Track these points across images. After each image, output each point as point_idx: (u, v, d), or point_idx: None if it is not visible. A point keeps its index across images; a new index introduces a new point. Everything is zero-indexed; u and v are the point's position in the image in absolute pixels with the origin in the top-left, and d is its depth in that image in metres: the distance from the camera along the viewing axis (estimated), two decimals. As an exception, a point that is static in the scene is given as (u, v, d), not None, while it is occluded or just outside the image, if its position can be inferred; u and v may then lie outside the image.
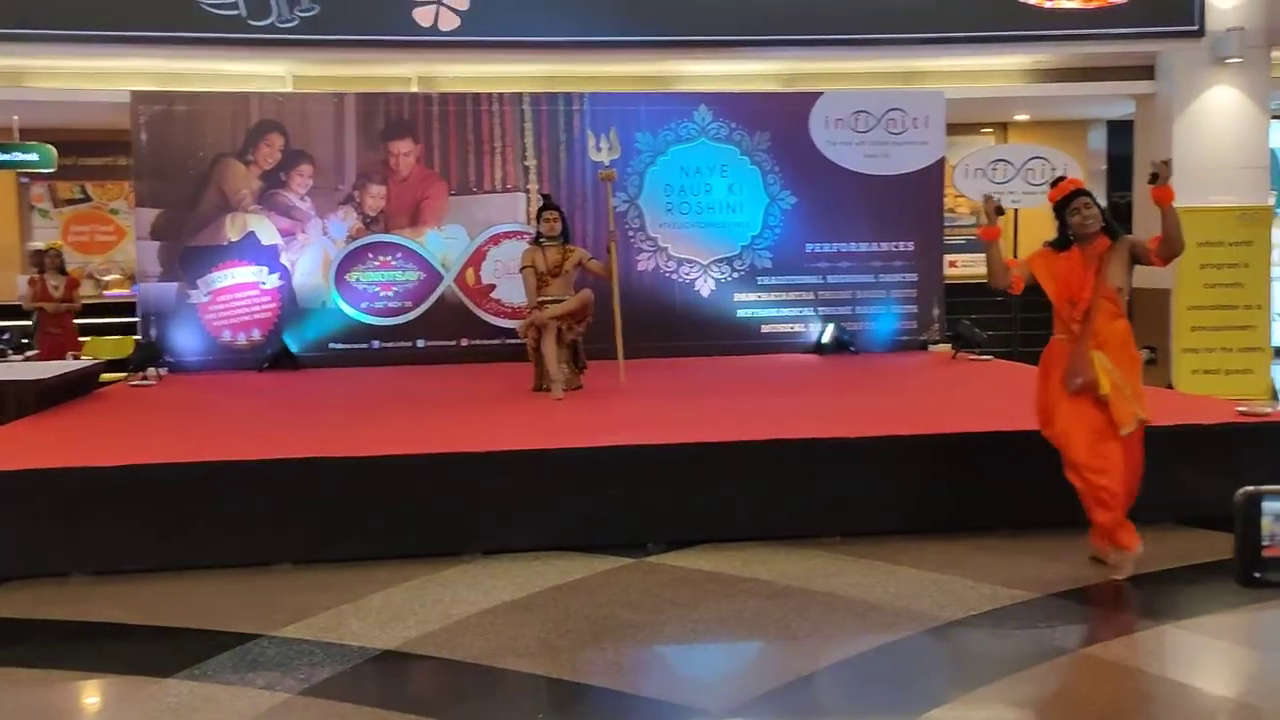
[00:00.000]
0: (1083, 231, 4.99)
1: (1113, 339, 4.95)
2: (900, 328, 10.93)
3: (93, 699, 3.97)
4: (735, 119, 10.68)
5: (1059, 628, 4.43)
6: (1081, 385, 4.89)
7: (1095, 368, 4.87)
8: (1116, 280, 4.96)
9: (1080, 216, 4.98)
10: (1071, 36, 10.78)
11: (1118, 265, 4.97)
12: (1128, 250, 5.00)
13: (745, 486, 5.66)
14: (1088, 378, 4.88)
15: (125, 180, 14.24)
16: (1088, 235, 4.99)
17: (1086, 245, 5.00)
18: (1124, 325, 5.02)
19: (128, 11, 9.83)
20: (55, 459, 5.49)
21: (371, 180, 10.29)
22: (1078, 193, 5.04)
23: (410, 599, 4.80)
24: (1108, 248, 4.97)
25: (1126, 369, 4.94)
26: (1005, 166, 10.98)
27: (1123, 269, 4.99)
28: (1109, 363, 4.90)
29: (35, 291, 10.10)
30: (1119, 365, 4.92)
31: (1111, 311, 4.96)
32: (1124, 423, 4.86)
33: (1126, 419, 4.87)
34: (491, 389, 8.29)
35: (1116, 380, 4.88)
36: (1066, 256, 5.05)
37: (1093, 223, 4.97)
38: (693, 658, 4.33)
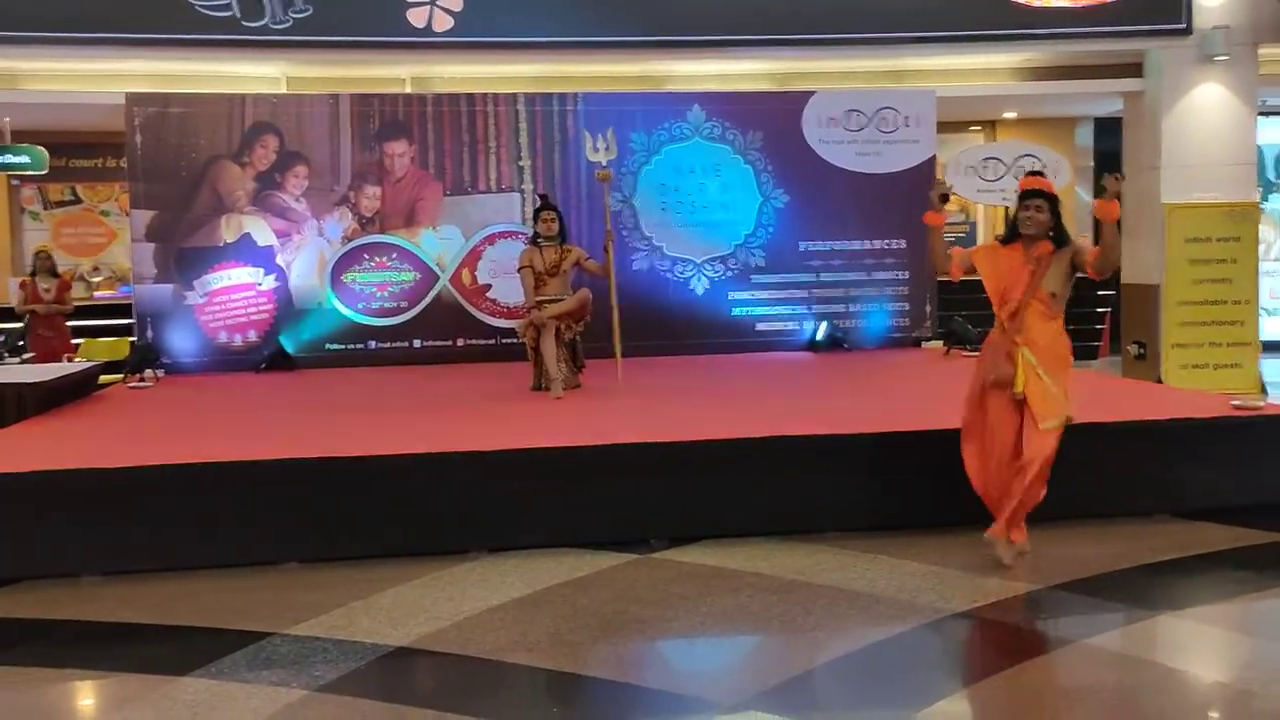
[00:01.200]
0: (1024, 229, 5.04)
1: (1041, 339, 5.01)
2: (893, 325, 11.03)
3: (109, 698, 4.00)
4: (728, 118, 10.76)
5: (1060, 618, 4.50)
6: (995, 380, 5.02)
7: (1016, 365, 4.97)
8: (1052, 285, 5.02)
9: (1027, 214, 5.03)
10: (1060, 35, 10.87)
11: (1056, 271, 5.03)
12: (1069, 257, 5.05)
13: (746, 483, 5.72)
14: (1002, 374, 4.99)
15: (116, 182, 14.30)
16: (1030, 236, 5.03)
17: (1030, 245, 5.05)
18: (1056, 327, 5.07)
19: (121, 13, 9.82)
20: (62, 460, 5.52)
21: (367, 181, 10.33)
22: (1034, 193, 5.06)
23: (420, 596, 4.85)
24: (1049, 253, 5.01)
25: (1054, 368, 5.00)
26: (996, 164, 11.08)
27: (1061, 275, 5.04)
28: (1035, 359, 4.97)
29: (26, 294, 10.10)
30: (1045, 364, 4.98)
31: (1044, 313, 5.02)
32: (1044, 416, 4.93)
33: (1047, 414, 4.93)
34: (490, 388, 8.34)
35: (1036, 383, 4.95)
36: (1009, 252, 5.12)
37: (1033, 227, 5.01)
38: (701, 651, 4.39)
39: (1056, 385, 4.97)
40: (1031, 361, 4.97)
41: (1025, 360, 4.97)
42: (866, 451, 5.83)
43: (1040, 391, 4.96)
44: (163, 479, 5.36)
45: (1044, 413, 4.93)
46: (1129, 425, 6.11)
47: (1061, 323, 5.10)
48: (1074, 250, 5.06)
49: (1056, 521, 5.77)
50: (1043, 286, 5.00)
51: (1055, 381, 4.98)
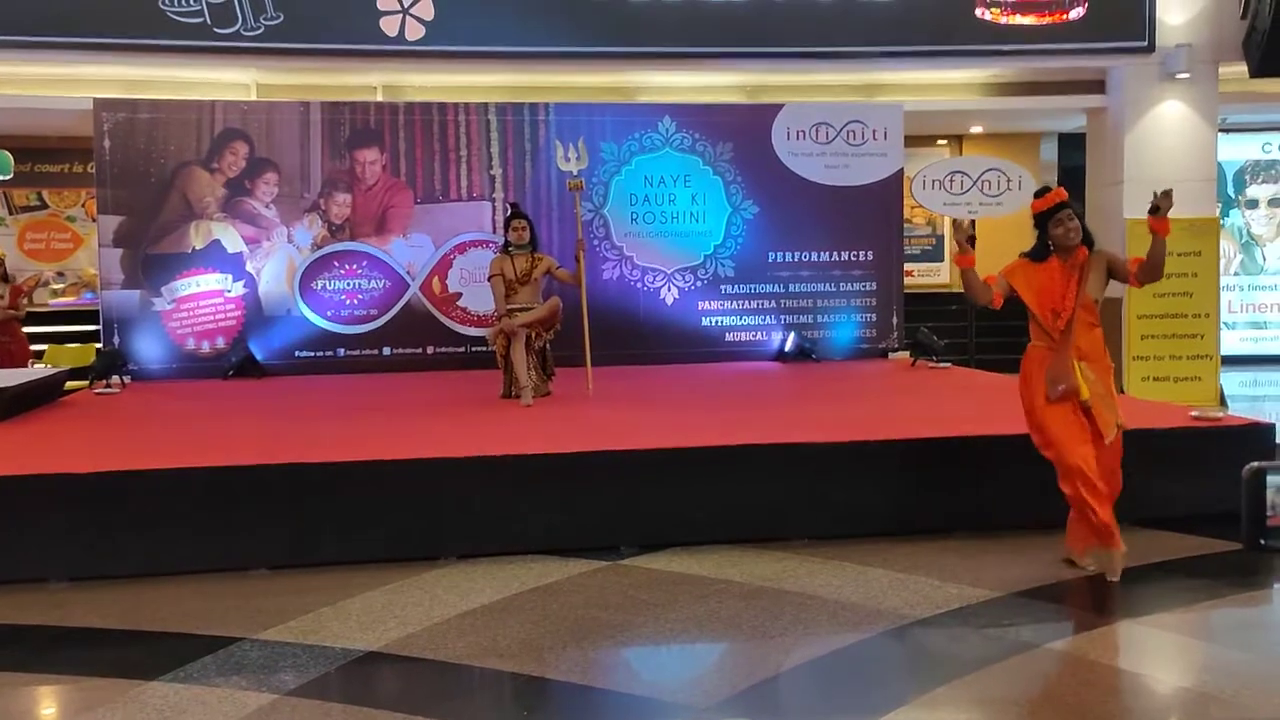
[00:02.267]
0: (1066, 244, 5.06)
1: (1093, 349, 5.08)
2: (860, 335, 11.14)
3: (78, 702, 3.98)
4: (699, 130, 10.84)
5: (1023, 625, 4.57)
6: (1063, 392, 5.01)
7: (1077, 376, 5.00)
8: (1095, 292, 5.08)
9: (1064, 229, 5.05)
10: (1025, 52, 11.04)
11: (1096, 277, 5.09)
12: (1105, 263, 5.13)
13: (715, 490, 5.78)
14: (1070, 385, 5.00)
15: (83, 188, 14.19)
16: (1069, 247, 5.07)
17: (1067, 256, 5.09)
18: (1100, 334, 5.14)
19: (91, 18, 9.80)
20: (27, 465, 5.49)
21: (337, 188, 10.33)
22: (1063, 205, 5.09)
23: (389, 602, 4.86)
24: (1086, 258, 5.08)
25: (1104, 377, 5.08)
26: (962, 178, 11.21)
27: (1100, 281, 5.11)
28: (1090, 372, 5.03)
29: None
30: (1098, 374, 5.06)
31: (1089, 322, 5.08)
32: (1108, 430, 5.02)
33: (1109, 426, 5.02)
34: (460, 396, 8.35)
35: (1098, 389, 5.02)
36: (1045, 267, 5.12)
37: (1075, 235, 5.05)
38: (671, 656, 4.43)
39: (1109, 395, 5.07)
40: (1089, 376, 5.02)
41: (1083, 373, 5.02)
42: (833, 459, 5.90)
43: (1101, 404, 5.03)
44: (130, 484, 5.35)
45: (1106, 425, 5.02)
46: (1091, 435, 6.19)
47: (1102, 330, 5.17)
48: (1109, 258, 5.16)
49: (1018, 530, 5.87)
50: (1087, 293, 5.06)
51: (1108, 393, 5.07)
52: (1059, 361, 5.05)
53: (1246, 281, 14.55)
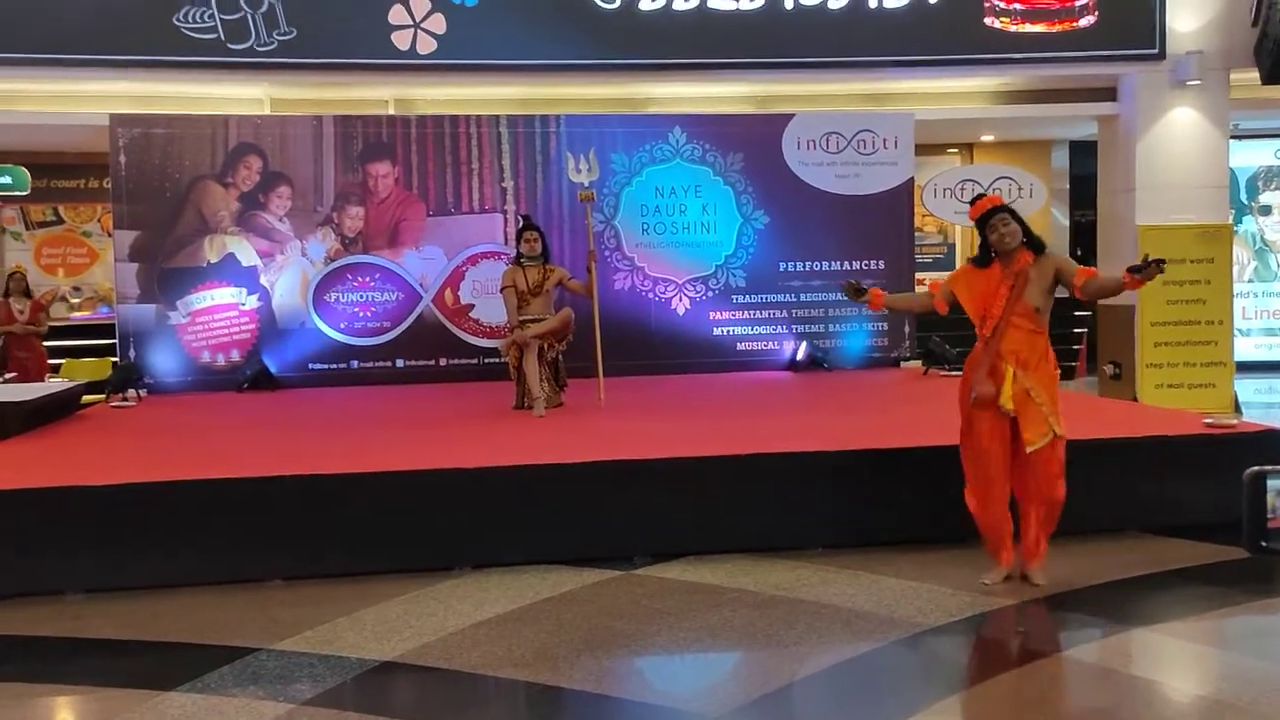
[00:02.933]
0: (1002, 248, 4.99)
1: (1032, 356, 4.98)
2: (872, 345, 11.13)
3: (96, 712, 4.02)
4: (709, 140, 10.87)
5: (1036, 632, 4.58)
6: (979, 398, 4.97)
7: (1004, 383, 4.93)
8: (1035, 299, 4.97)
9: (999, 234, 4.98)
10: (1036, 60, 11.05)
11: (1037, 285, 4.98)
12: (1052, 271, 5.01)
13: (728, 500, 5.79)
14: (985, 391, 4.94)
15: (98, 203, 14.31)
16: (1008, 252, 4.99)
17: (1008, 262, 5.01)
18: (1042, 342, 5.03)
19: (106, 35, 9.88)
20: (45, 479, 5.54)
21: (350, 202, 10.38)
22: (996, 209, 5.03)
23: (404, 612, 4.89)
24: (1029, 265, 4.98)
25: (1045, 385, 4.97)
26: (973, 186, 11.21)
27: (1043, 288, 5.00)
28: (1027, 380, 4.94)
29: (0, 315, 10.09)
30: (1040, 385, 4.95)
31: (1029, 329, 4.98)
32: (1031, 441, 4.91)
33: (1035, 436, 4.91)
34: (473, 407, 8.38)
35: (1036, 397, 4.92)
36: (987, 273, 5.06)
37: (1011, 239, 4.96)
38: (685, 665, 4.44)
39: (1047, 404, 4.95)
40: (1026, 384, 4.93)
41: (1019, 382, 4.93)
42: (846, 469, 5.91)
43: (1032, 414, 4.93)
44: (146, 497, 5.39)
45: (1031, 435, 4.93)
46: (1103, 442, 6.19)
47: (1047, 339, 5.06)
48: (1056, 265, 5.03)
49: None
50: (1025, 300, 4.96)
51: (1047, 402, 4.95)
52: (980, 368, 5.00)
53: (1260, 288, 14.50)
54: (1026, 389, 4.92)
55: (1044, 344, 5.03)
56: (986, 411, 4.99)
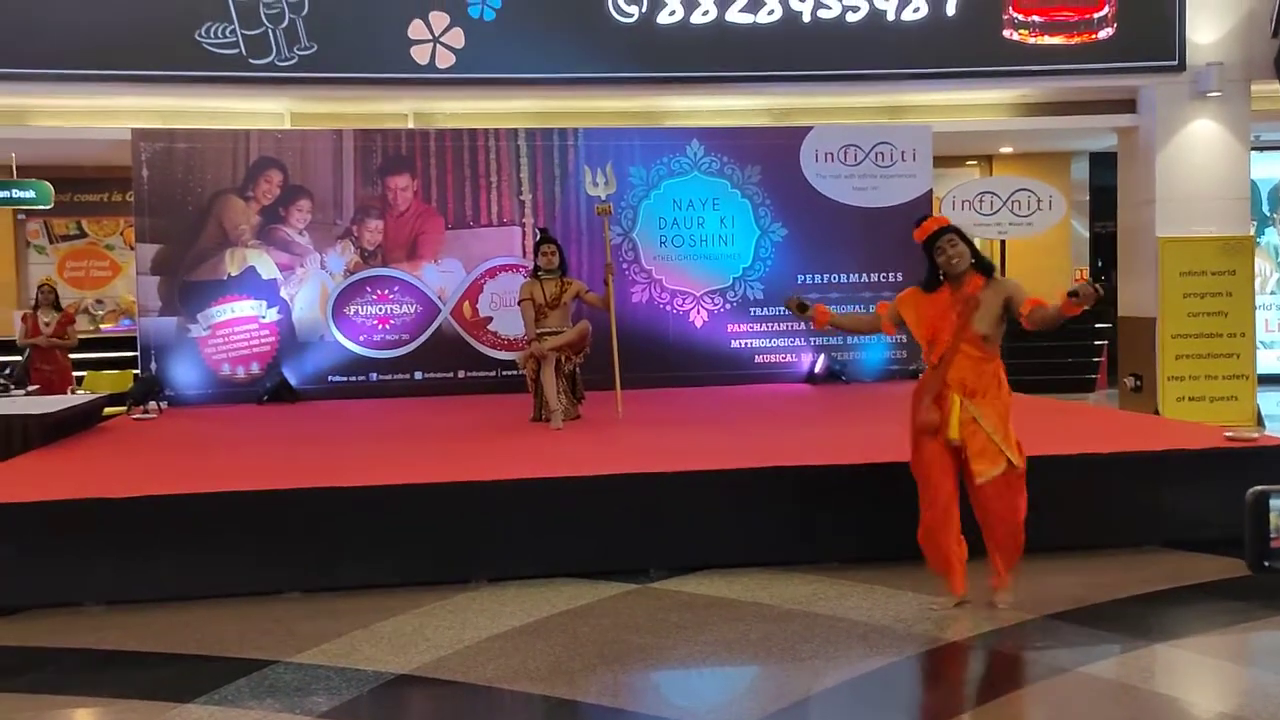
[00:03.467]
0: (950, 271, 4.81)
1: (982, 385, 4.78)
2: (890, 357, 11.10)
3: (115, 724, 4.05)
4: (727, 153, 10.88)
5: (1056, 648, 4.54)
6: (923, 426, 4.81)
7: (951, 412, 4.75)
8: (984, 325, 4.78)
9: (946, 256, 4.79)
10: (1055, 72, 11.03)
11: (987, 311, 4.77)
12: (1003, 297, 4.80)
13: (744, 513, 5.78)
14: (928, 420, 4.79)
15: (121, 216, 14.44)
16: (957, 275, 4.80)
17: (958, 285, 4.81)
18: (994, 370, 4.83)
19: (129, 51, 9.97)
20: (66, 491, 5.58)
21: (369, 215, 10.44)
22: (944, 230, 4.84)
23: (421, 625, 4.90)
24: (979, 289, 4.78)
25: (997, 414, 4.77)
26: (992, 198, 11.20)
27: (993, 315, 4.79)
28: (976, 409, 4.75)
29: (27, 328, 10.17)
30: (991, 413, 4.76)
31: (978, 357, 4.78)
32: (981, 472, 4.75)
33: (986, 467, 4.74)
34: (491, 420, 8.40)
35: (986, 426, 4.73)
36: (935, 297, 4.88)
37: (959, 262, 4.78)
38: (702, 679, 4.43)
39: (998, 434, 4.74)
40: (972, 413, 4.74)
41: (966, 411, 4.74)
42: (862, 482, 5.89)
43: (980, 444, 4.74)
44: (165, 509, 5.42)
45: (981, 468, 4.75)
46: (1122, 456, 6.16)
47: (999, 365, 4.85)
48: (1008, 293, 4.80)
49: (1050, 552, 5.83)
50: (973, 327, 4.75)
51: (996, 430, 4.74)
52: (926, 395, 4.83)
53: (1283, 300, 14.42)
54: (974, 418, 4.74)
55: (995, 371, 4.83)
56: (933, 439, 4.84)
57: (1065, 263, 15.46)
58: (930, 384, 4.84)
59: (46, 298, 10.35)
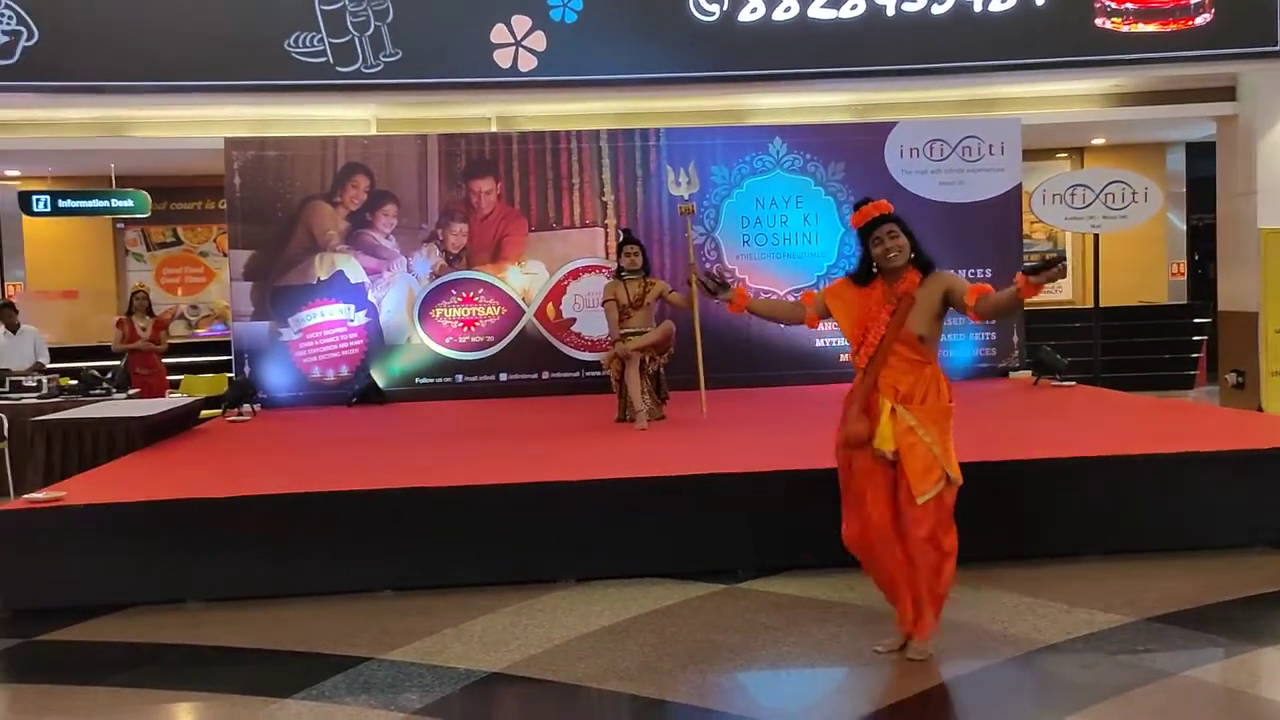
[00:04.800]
0: (886, 264, 4.28)
1: (917, 391, 4.25)
2: (979, 355, 10.91)
3: (217, 718, 4.13)
4: (810, 150, 10.79)
5: (1159, 651, 4.41)
6: (850, 438, 4.30)
7: (878, 421, 4.24)
8: (921, 326, 4.24)
9: (884, 247, 4.26)
10: (1150, 60, 10.72)
11: (923, 309, 4.25)
12: (941, 293, 4.27)
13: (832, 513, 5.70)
14: (853, 432, 4.27)
15: (214, 224, 14.81)
16: (893, 269, 4.28)
17: (893, 280, 4.29)
18: (931, 374, 4.29)
19: (221, 61, 10.21)
20: (166, 491, 5.72)
21: (454, 218, 10.54)
22: (883, 218, 4.31)
23: (510, 624, 4.93)
24: (916, 286, 4.27)
25: (935, 425, 4.23)
26: (1085, 191, 10.93)
27: (929, 314, 4.26)
28: (915, 417, 4.22)
29: (124, 333, 10.45)
30: (928, 421, 4.22)
31: (912, 359, 4.26)
32: (922, 490, 4.19)
33: (926, 485, 4.19)
34: (576, 420, 8.43)
35: (925, 436, 4.20)
36: (867, 292, 4.36)
37: (897, 256, 4.25)
38: (791, 680, 4.38)
39: (939, 445, 4.21)
40: (909, 421, 4.20)
41: (901, 419, 4.22)
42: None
43: (919, 457, 4.19)
44: (261, 508, 5.54)
45: (919, 485, 4.18)
46: (1225, 454, 5.98)
47: (937, 368, 4.32)
48: (946, 286, 4.27)
49: (1152, 553, 5.69)
50: (908, 327, 4.23)
51: (937, 441, 4.21)
52: (853, 402, 4.32)
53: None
54: (910, 426, 4.20)
55: (933, 375, 4.29)
56: (863, 452, 4.29)
57: (1161, 257, 15.06)
58: (858, 390, 4.32)
59: (141, 304, 10.62)
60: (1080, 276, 14.98)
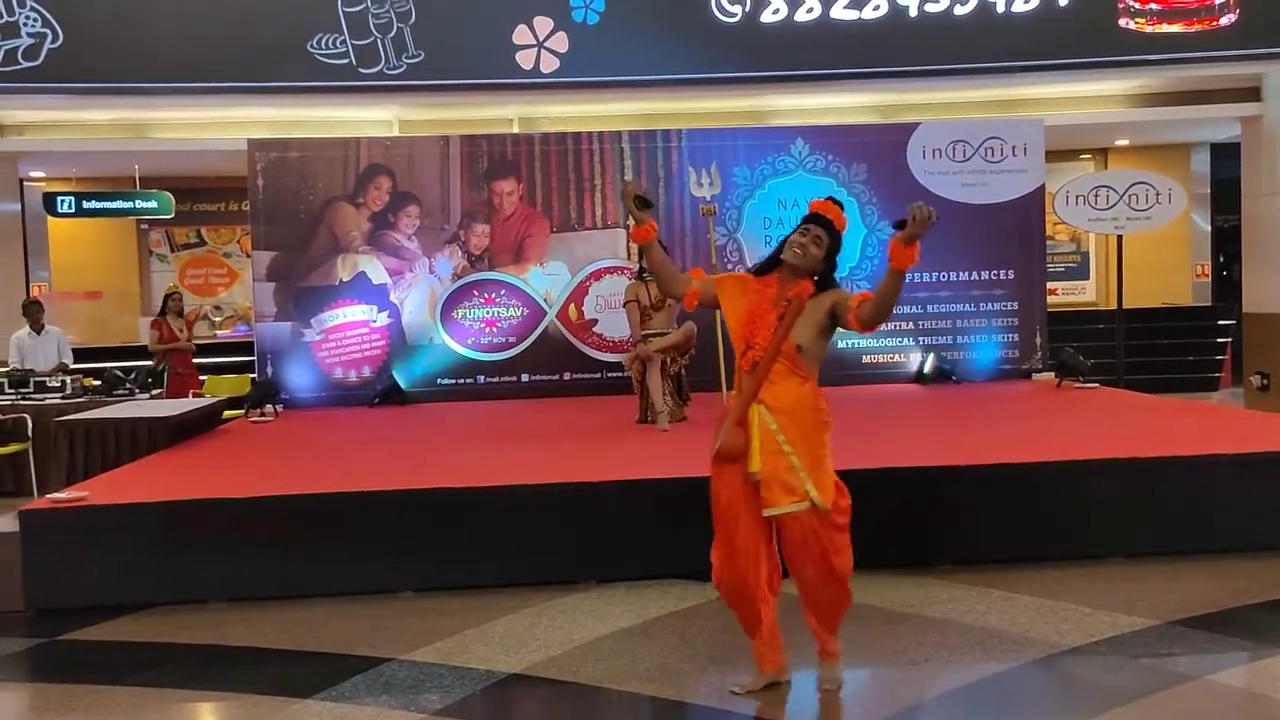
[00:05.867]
0: (788, 259, 3.95)
1: (795, 406, 3.91)
2: (1002, 356, 10.86)
3: (238, 718, 4.15)
4: (832, 151, 10.77)
5: (1181, 655, 4.38)
6: (723, 450, 3.91)
7: (752, 438, 3.89)
8: (803, 338, 3.91)
9: (801, 245, 3.94)
10: (1174, 60, 10.66)
11: (809, 320, 3.92)
12: (828, 307, 3.95)
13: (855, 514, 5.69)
14: (730, 443, 3.89)
15: (237, 225, 14.89)
16: (794, 269, 3.96)
17: (789, 283, 3.97)
18: (810, 391, 3.96)
19: (244, 63, 10.29)
20: (189, 491, 5.76)
21: (476, 219, 10.57)
22: (819, 218, 4.01)
23: (531, 625, 4.93)
24: (807, 294, 3.95)
25: (806, 439, 3.90)
26: (1108, 192, 10.87)
27: (814, 326, 3.93)
28: (788, 432, 3.88)
29: (162, 334, 10.52)
30: (800, 440, 3.89)
31: (790, 370, 3.92)
32: (771, 501, 3.86)
33: (777, 497, 3.86)
34: (597, 421, 8.44)
35: (792, 452, 3.87)
36: (761, 287, 4.03)
37: (800, 259, 3.93)
38: (811, 683, 4.37)
39: (805, 465, 3.87)
40: (771, 427, 3.87)
41: (764, 426, 3.88)
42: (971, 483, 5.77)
43: (781, 471, 3.86)
44: (283, 509, 5.57)
45: (770, 497, 3.86)
46: (1251, 457, 5.93)
47: (814, 387, 3.97)
48: (833, 299, 3.95)
49: (1176, 555, 5.65)
50: (791, 337, 3.90)
51: (804, 461, 3.87)
52: (731, 413, 3.94)
53: None
54: (779, 441, 3.87)
55: (811, 395, 3.95)
56: (734, 466, 3.93)
57: (1185, 259, 14.95)
58: (740, 398, 3.95)
59: (176, 305, 10.71)
60: (1104, 278, 14.89)
